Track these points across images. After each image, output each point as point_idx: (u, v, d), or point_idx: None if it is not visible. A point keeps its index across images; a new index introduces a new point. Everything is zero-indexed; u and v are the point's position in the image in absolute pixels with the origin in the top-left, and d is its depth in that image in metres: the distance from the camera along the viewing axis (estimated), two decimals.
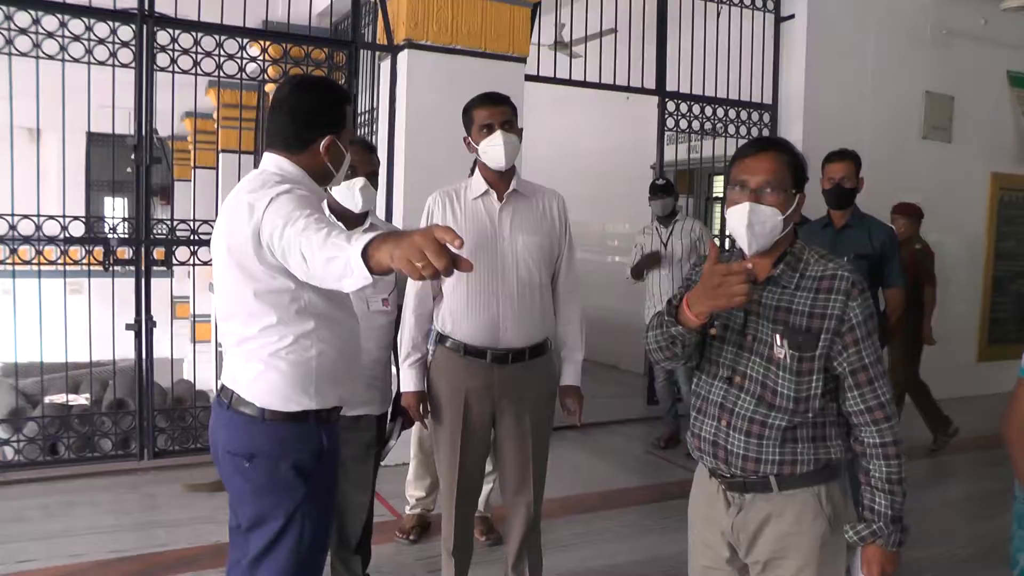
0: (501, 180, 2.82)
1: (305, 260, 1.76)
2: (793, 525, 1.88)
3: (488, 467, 3.32)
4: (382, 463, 3.10)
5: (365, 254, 1.60)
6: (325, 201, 2.37)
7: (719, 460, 1.93)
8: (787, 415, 1.85)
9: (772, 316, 1.87)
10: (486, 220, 2.80)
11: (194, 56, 4.69)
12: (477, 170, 2.86)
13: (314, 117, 2.12)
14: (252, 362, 2.06)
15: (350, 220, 2.83)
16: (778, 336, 1.85)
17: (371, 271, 1.61)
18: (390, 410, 3.04)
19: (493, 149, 2.74)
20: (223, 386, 2.13)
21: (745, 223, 1.84)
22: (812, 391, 1.85)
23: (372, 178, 2.85)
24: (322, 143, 2.11)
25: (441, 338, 2.87)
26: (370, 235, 1.62)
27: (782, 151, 1.89)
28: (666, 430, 5.68)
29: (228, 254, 2.01)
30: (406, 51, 4.96)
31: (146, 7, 4.55)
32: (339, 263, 1.66)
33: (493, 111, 2.76)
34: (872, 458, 1.86)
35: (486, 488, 3.77)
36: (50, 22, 4.35)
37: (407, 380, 2.89)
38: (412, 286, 2.87)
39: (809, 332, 1.83)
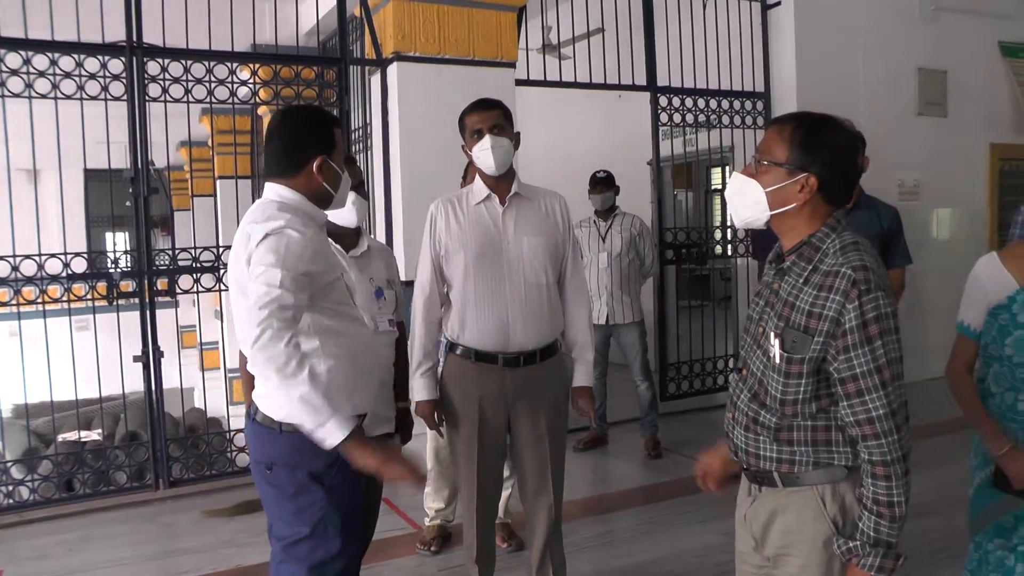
0: (501, 184, 2.83)
1: (255, 348, 1.93)
2: (795, 523, 1.81)
3: (506, 472, 3.31)
4: None
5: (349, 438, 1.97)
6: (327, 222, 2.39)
7: (732, 450, 1.93)
8: (774, 415, 1.79)
9: (779, 311, 1.77)
10: (490, 224, 2.80)
11: (185, 84, 4.70)
12: (478, 176, 2.85)
13: (303, 140, 2.22)
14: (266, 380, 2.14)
15: (345, 237, 2.81)
16: (772, 334, 1.77)
17: (343, 445, 1.97)
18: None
19: (483, 154, 2.75)
20: (251, 400, 2.28)
21: (727, 192, 1.88)
22: (800, 395, 1.74)
23: (359, 190, 2.83)
24: (314, 164, 2.20)
25: (451, 346, 2.87)
26: (353, 424, 1.98)
27: (787, 124, 1.81)
28: (591, 433, 5.57)
29: (235, 281, 2.15)
30: (395, 64, 4.98)
31: (134, 39, 4.56)
32: (314, 415, 1.94)
33: (482, 116, 2.78)
34: (864, 474, 1.71)
35: (505, 493, 3.75)
36: (40, 61, 4.37)
37: (420, 389, 2.88)
38: (420, 295, 2.87)
39: (806, 332, 1.71)
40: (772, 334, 1.76)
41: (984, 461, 2.43)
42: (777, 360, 1.75)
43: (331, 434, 1.96)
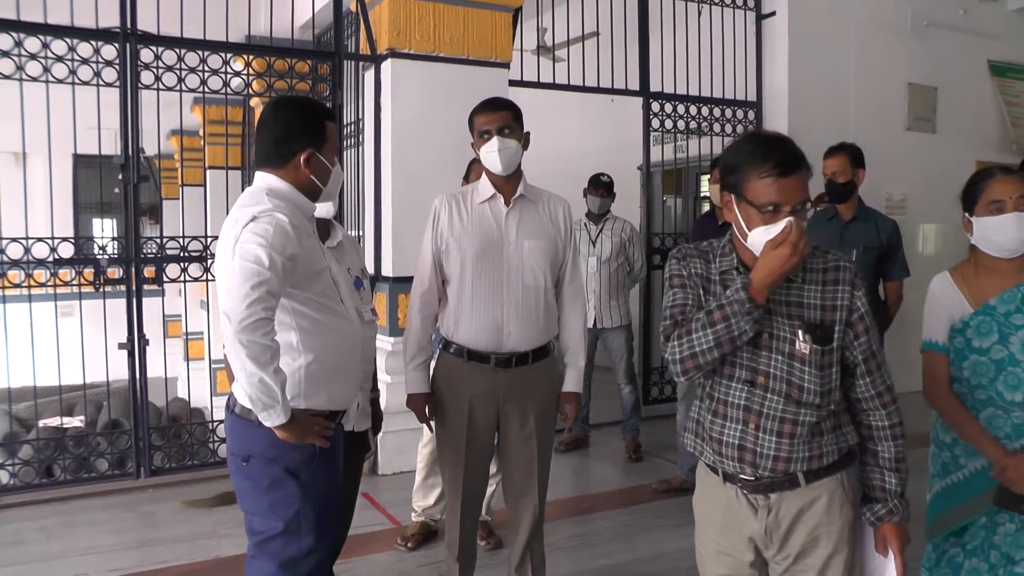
0: (507, 184, 2.83)
1: (240, 327, 1.94)
2: (823, 516, 1.88)
3: (491, 470, 3.32)
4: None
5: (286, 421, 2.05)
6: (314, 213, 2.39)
7: (745, 463, 1.88)
8: (815, 410, 1.84)
9: (786, 312, 1.85)
10: (492, 224, 2.81)
11: (178, 73, 4.69)
12: (485, 174, 2.86)
13: (292, 132, 2.21)
14: None
15: (318, 229, 2.80)
16: (800, 332, 1.83)
17: (276, 427, 2.05)
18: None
19: (490, 155, 2.76)
20: (231, 392, 2.26)
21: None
22: (834, 383, 1.87)
23: None
24: (302, 157, 2.20)
25: (445, 344, 2.88)
26: (290, 411, 2.05)
27: (804, 165, 1.81)
28: (573, 434, 5.59)
29: (221, 267, 2.13)
30: (389, 60, 4.98)
31: (128, 25, 4.54)
32: (268, 397, 1.99)
33: (491, 117, 2.79)
34: (881, 440, 1.91)
35: (488, 491, 3.75)
36: (32, 43, 4.35)
37: (413, 382, 2.89)
38: (418, 288, 2.88)
39: (823, 325, 1.84)
40: (800, 332, 1.83)
41: (943, 470, 2.48)
42: (812, 355, 1.83)
43: (275, 417, 2.03)
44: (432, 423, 2.94)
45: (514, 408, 2.83)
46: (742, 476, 1.90)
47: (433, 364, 2.94)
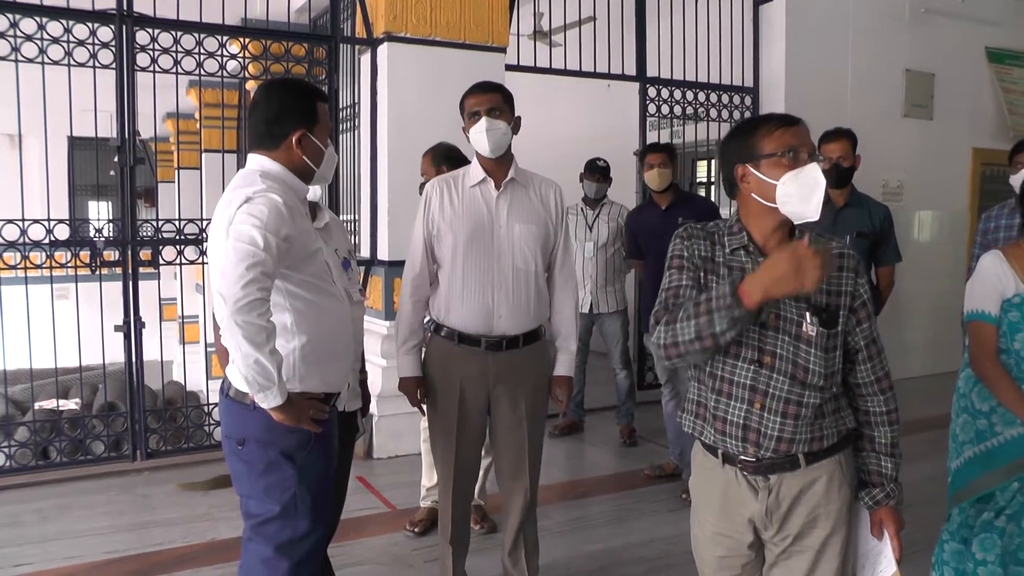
0: (498, 168, 2.83)
1: (235, 308, 1.93)
2: (823, 496, 1.91)
3: (483, 454, 3.34)
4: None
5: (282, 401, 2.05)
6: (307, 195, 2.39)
7: (749, 443, 1.88)
8: (819, 392, 1.86)
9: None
10: (483, 208, 2.81)
11: (174, 55, 4.67)
12: (476, 158, 2.86)
13: (284, 113, 2.22)
14: None
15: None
16: (807, 314, 1.85)
17: (272, 408, 2.06)
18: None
19: (478, 136, 2.77)
20: (225, 375, 2.26)
21: (824, 184, 1.78)
22: (836, 366, 1.90)
23: None
24: (294, 137, 2.20)
25: (436, 327, 2.89)
26: (286, 393, 2.05)
27: (802, 122, 1.90)
28: (568, 419, 5.62)
29: (214, 249, 2.14)
30: (386, 44, 4.96)
31: (125, 7, 4.52)
32: (264, 379, 1.99)
33: (480, 98, 2.79)
34: (878, 425, 1.95)
35: (481, 476, 3.78)
36: (28, 25, 4.33)
37: (405, 366, 2.90)
38: (409, 272, 2.89)
39: (828, 309, 1.87)
40: (808, 314, 1.85)
41: (978, 437, 2.59)
42: (818, 337, 1.85)
43: (271, 399, 2.03)
44: (424, 406, 2.95)
45: (505, 392, 2.85)
46: (743, 457, 1.91)
47: (424, 348, 2.95)
